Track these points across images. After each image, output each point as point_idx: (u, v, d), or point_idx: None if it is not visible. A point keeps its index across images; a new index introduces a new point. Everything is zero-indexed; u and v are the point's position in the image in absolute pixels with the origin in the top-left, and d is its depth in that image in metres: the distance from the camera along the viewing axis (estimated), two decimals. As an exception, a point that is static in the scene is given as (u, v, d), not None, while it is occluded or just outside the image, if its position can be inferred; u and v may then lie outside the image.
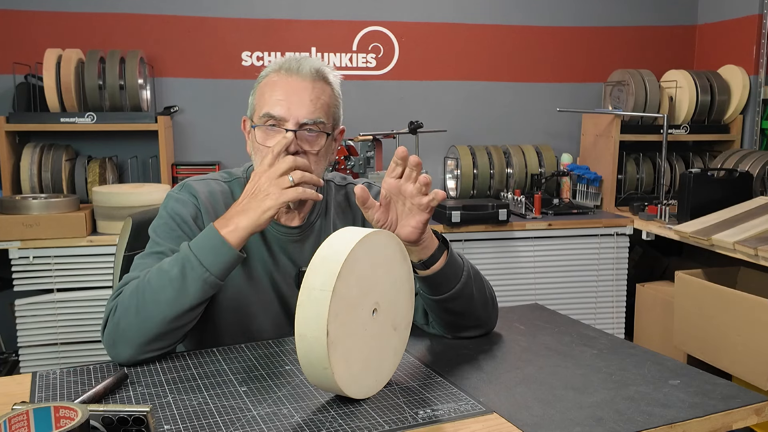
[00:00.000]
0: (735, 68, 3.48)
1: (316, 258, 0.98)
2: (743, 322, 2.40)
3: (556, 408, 1.00)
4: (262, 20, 3.27)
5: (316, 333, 0.94)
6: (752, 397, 1.03)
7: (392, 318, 1.07)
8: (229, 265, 1.18)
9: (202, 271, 1.15)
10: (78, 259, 2.63)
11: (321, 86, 1.31)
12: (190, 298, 1.15)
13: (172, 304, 1.15)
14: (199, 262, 1.15)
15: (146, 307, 1.15)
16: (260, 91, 1.33)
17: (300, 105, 1.27)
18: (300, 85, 1.29)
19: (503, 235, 3.02)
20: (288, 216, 1.38)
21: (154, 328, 1.15)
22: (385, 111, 3.45)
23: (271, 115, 1.28)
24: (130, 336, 1.15)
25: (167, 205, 1.34)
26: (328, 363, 0.94)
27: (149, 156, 3.14)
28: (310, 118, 1.28)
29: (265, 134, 1.29)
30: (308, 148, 1.29)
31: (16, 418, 0.80)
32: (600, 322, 3.19)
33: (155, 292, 1.15)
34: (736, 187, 2.95)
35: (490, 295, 1.32)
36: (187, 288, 1.15)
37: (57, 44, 2.96)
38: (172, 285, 1.15)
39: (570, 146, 3.70)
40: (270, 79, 1.32)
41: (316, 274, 0.96)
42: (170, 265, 1.17)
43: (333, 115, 1.34)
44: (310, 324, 0.94)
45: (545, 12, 3.60)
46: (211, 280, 1.16)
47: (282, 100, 1.28)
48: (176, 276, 1.15)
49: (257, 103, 1.33)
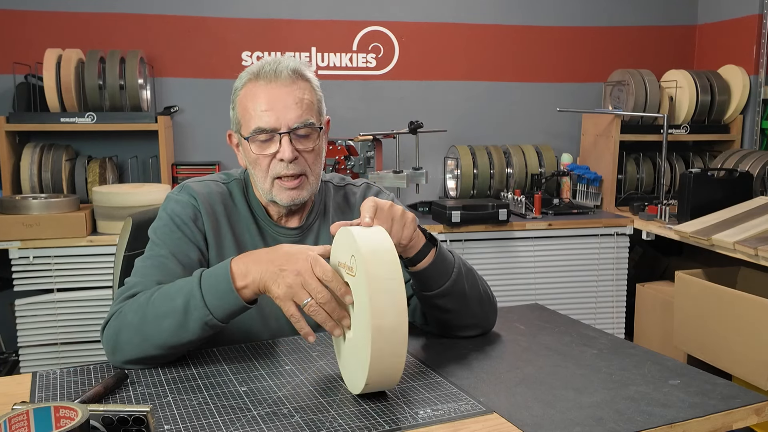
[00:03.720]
0: (735, 68, 3.48)
1: (364, 250, 0.97)
2: (743, 322, 2.40)
3: (556, 408, 1.00)
4: (262, 20, 3.27)
5: (394, 322, 0.94)
6: (752, 397, 1.03)
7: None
8: (234, 312, 1.13)
9: (205, 312, 1.11)
10: (78, 259, 2.63)
11: (301, 85, 1.29)
12: (189, 333, 1.13)
13: (173, 334, 1.12)
14: (204, 303, 1.11)
15: (147, 328, 1.13)
16: (241, 104, 1.30)
17: (286, 110, 1.26)
18: (282, 91, 1.27)
19: (503, 235, 3.02)
20: (287, 217, 1.39)
21: (152, 350, 1.14)
22: (385, 111, 3.45)
23: (261, 128, 1.26)
24: (129, 350, 1.15)
25: (167, 206, 1.34)
26: (404, 352, 0.94)
27: (149, 156, 3.14)
28: (300, 122, 1.27)
29: (260, 146, 1.29)
30: (303, 148, 1.29)
31: (16, 418, 0.79)
32: (600, 322, 3.19)
33: (157, 318, 1.13)
34: (736, 187, 2.95)
35: (485, 292, 1.32)
36: (188, 324, 1.12)
37: (57, 44, 2.96)
38: (174, 316, 1.12)
39: (570, 146, 3.70)
40: (249, 90, 1.29)
41: (377, 264, 0.95)
42: (177, 293, 1.14)
43: (318, 110, 1.33)
44: (387, 314, 0.94)
45: (545, 12, 3.60)
46: (213, 323, 1.12)
47: (268, 110, 1.26)
48: (179, 308, 1.12)
49: (242, 117, 1.30)
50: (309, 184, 1.32)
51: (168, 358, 1.17)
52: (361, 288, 0.97)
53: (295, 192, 1.30)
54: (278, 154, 1.27)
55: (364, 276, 0.95)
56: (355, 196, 1.47)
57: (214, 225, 1.33)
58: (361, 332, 1.00)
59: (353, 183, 1.49)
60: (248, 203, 1.39)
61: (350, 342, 1.04)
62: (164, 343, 1.13)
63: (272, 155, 1.28)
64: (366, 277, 0.95)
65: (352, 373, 1.04)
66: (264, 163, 1.29)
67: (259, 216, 1.38)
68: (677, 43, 3.81)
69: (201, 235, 1.32)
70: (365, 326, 0.97)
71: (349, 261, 1.01)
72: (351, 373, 1.05)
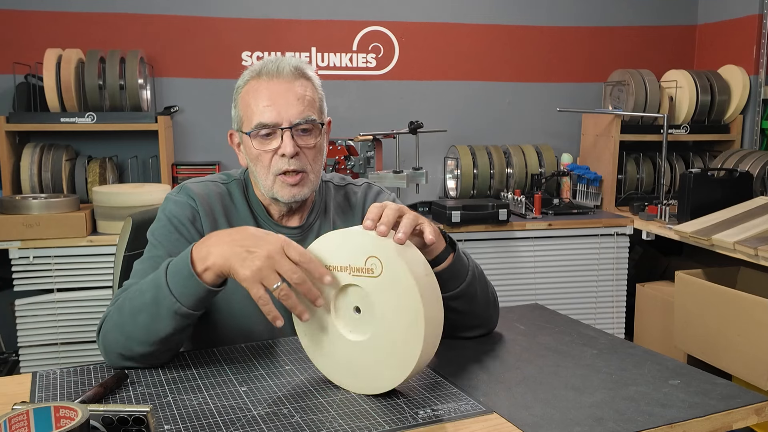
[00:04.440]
0: (735, 68, 3.48)
1: (396, 252, 0.99)
2: (743, 322, 2.40)
3: (556, 408, 1.00)
4: (261, 20, 3.27)
5: (439, 314, 1.03)
6: (752, 397, 1.03)
7: None
8: (200, 297, 1.09)
9: (172, 301, 1.08)
10: (78, 259, 2.63)
11: (303, 83, 1.30)
12: (164, 325, 1.10)
13: (149, 329, 1.11)
14: (170, 292, 1.08)
15: (126, 325, 1.13)
16: (243, 101, 1.31)
17: (288, 106, 1.27)
18: (284, 87, 1.28)
19: (503, 235, 3.02)
20: (288, 216, 1.39)
21: (136, 347, 1.12)
22: (385, 111, 3.45)
23: (263, 124, 1.27)
24: (117, 349, 1.14)
25: (165, 207, 1.34)
26: (439, 341, 1.04)
27: (149, 156, 3.14)
28: (302, 118, 1.28)
29: (261, 142, 1.29)
30: (304, 144, 1.30)
31: (16, 418, 0.79)
32: (600, 322, 3.19)
33: (133, 314, 1.12)
34: (736, 187, 2.95)
35: (492, 295, 1.32)
36: (161, 315, 1.10)
37: (57, 44, 2.96)
38: (147, 310, 1.10)
39: (570, 146, 3.70)
40: (251, 87, 1.30)
41: (413, 263, 1.00)
42: (147, 286, 1.12)
43: (320, 109, 1.34)
44: (434, 307, 1.01)
45: (545, 12, 3.60)
46: (182, 311, 1.09)
47: (270, 105, 1.27)
48: (150, 301, 1.10)
49: (243, 114, 1.31)
50: (310, 182, 1.32)
51: (158, 355, 1.15)
52: (397, 288, 0.99)
53: (297, 189, 1.30)
54: (280, 150, 1.28)
55: (405, 275, 0.98)
56: (356, 196, 1.47)
57: (212, 226, 1.33)
58: (385, 331, 1.01)
59: (354, 183, 1.49)
60: (248, 203, 1.39)
61: (362, 343, 1.04)
62: (145, 338, 1.11)
63: (274, 151, 1.28)
64: (408, 275, 0.98)
65: (366, 374, 1.04)
66: (266, 160, 1.29)
67: (259, 215, 1.38)
68: (677, 43, 3.81)
69: (199, 237, 1.31)
70: (399, 324, 1.00)
71: (364, 263, 1.01)
72: (364, 374, 1.04)
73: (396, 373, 1.02)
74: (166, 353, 1.16)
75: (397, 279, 0.99)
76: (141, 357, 1.14)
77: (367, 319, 1.04)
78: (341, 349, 1.06)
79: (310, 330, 1.09)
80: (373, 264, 1.01)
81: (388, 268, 1.00)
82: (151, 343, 1.12)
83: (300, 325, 1.10)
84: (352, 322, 1.05)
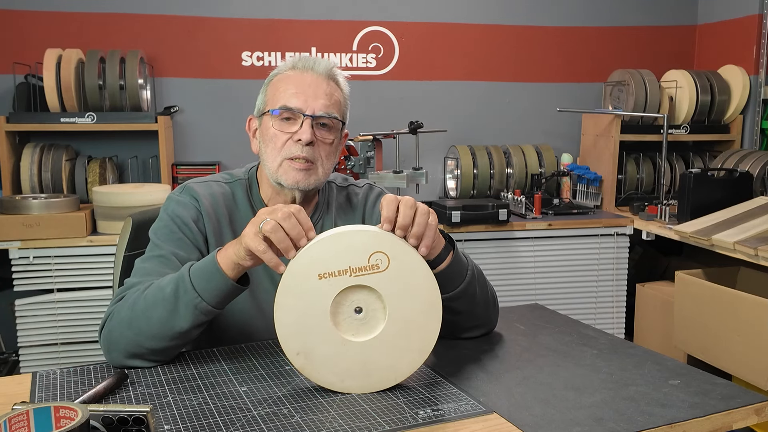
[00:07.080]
0: (735, 68, 3.48)
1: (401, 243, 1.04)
2: (743, 322, 2.40)
3: (556, 408, 1.00)
4: (262, 20, 3.27)
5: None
6: (752, 397, 1.03)
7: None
8: (223, 294, 1.11)
9: (194, 295, 1.11)
10: (78, 259, 2.63)
11: (333, 85, 1.34)
12: (181, 321, 1.12)
13: (164, 324, 1.12)
14: (192, 286, 1.11)
15: (138, 320, 1.13)
16: (273, 87, 1.34)
17: (315, 98, 1.30)
18: (315, 80, 1.31)
19: (503, 235, 3.03)
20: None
21: (146, 342, 1.13)
22: (385, 111, 3.45)
23: (287, 107, 1.29)
24: (123, 346, 1.14)
25: (168, 207, 1.34)
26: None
27: (149, 156, 3.13)
28: (326, 112, 1.30)
29: (281, 123, 1.31)
30: (321, 137, 1.31)
31: (16, 418, 0.79)
32: (600, 322, 3.19)
33: (148, 308, 1.13)
34: (736, 187, 2.95)
35: (491, 295, 1.33)
36: (179, 309, 1.11)
37: (57, 44, 2.96)
38: (164, 304, 1.12)
39: (570, 146, 3.70)
40: (284, 76, 1.33)
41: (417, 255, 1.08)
42: (167, 283, 1.14)
43: (343, 114, 1.37)
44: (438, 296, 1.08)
45: (545, 12, 3.60)
46: (202, 306, 1.11)
47: (298, 92, 1.30)
48: (169, 296, 1.12)
49: (270, 98, 1.33)
50: (317, 175, 1.32)
51: (163, 353, 1.15)
52: (408, 275, 1.04)
53: (302, 174, 1.30)
54: (297, 135, 1.29)
55: (416, 261, 1.04)
56: (357, 197, 1.47)
57: (215, 226, 1.33)
58: (398, 319, 1.05)
59: (356, 184, 1.50)
60: (251, 203, 1.39)
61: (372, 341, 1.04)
62: (157, 333, 1.12)
63: (291, 134, 1.29)
64: (419, 260, 1.04)
65: (381, 369, 1.05)
66: (280, 141, 1.30)
67: (262, 214, 1.38)
68: (677, 43, 3.81)
69: (202, 237, 1.32)
70: (414, 309, 1.05)
71: (368, 261, 1.02)
72: (379, 370, 1.05)
73: (415, 356, 1.06)
74: (175, 350, 1.17)
75: (407, 267, 1.03)
76: (147, 354, 1.14)
77: (373, 315, 1.04)
78: (350, 356, 1.05)
79: (306, 348, 1.04)
80: (378, 259, 1.02)
81: (396, 260, 1.03)
82: (162, 337, 1.13)
83: (292, 348, 1.04)
84: (356, 324, 1.05)
